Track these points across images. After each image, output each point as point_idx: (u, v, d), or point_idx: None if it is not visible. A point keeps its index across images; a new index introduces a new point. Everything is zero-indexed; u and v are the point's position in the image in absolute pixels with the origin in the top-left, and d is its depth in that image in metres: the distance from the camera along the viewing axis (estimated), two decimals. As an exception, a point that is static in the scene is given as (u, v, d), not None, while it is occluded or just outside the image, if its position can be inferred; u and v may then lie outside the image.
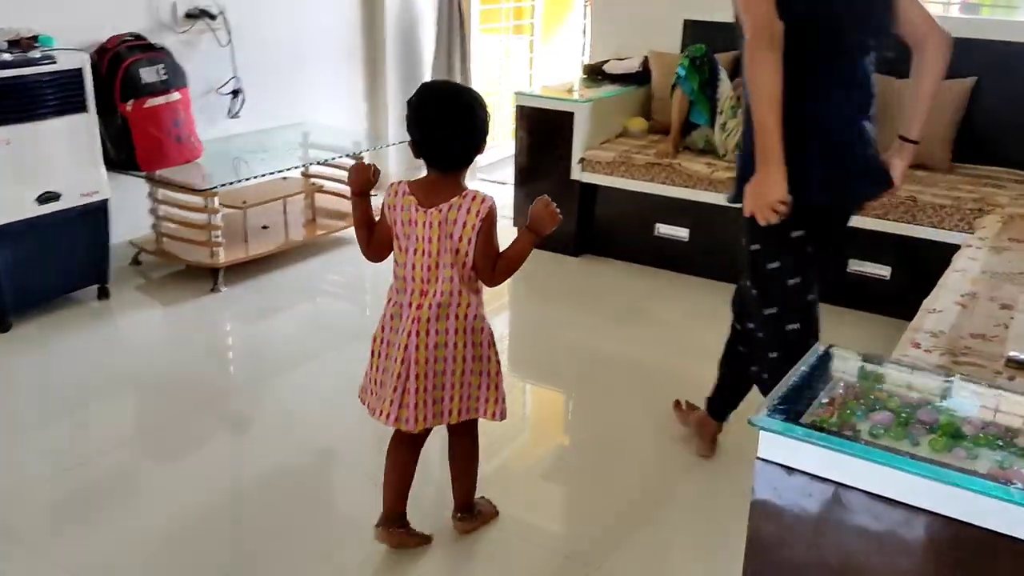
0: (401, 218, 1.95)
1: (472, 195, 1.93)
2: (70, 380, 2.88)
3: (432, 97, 1.97)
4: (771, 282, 2.11)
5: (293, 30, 4.35)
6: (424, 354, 1.94)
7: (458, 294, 1.96)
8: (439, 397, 1.99)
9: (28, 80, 2.97)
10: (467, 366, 2.01)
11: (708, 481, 2.46)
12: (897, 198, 3.30)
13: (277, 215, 4.09)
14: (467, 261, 1.95)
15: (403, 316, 1.97)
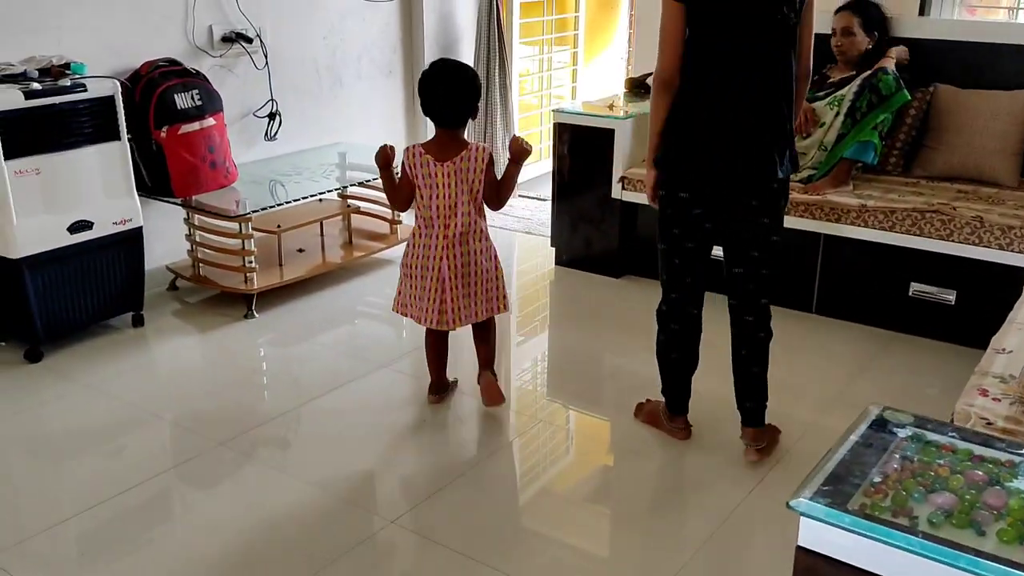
0: (421, 172, 2.61)
1: (476, 147, 2.63)
2: (103, 409, 2.84)
3: (440, 70, 2.62)
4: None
5: (330, 51, 4.29)
6: (454, 270, 2.62)
7: (474, 223, 2.65)
8: (468, 303, 2.67)
9: (59, 108, 2.95)
10: (486, 275, 2.70)
11: (755, 505, 2.33)
12: (963, 218, 3.10)
13: (313, 238, 4.04)
14: (478, 197, 2.63)
15: (432, 245, 2.63)
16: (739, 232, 2.40)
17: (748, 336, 2.49)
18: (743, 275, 2.44)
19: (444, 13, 4.76)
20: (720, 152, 2.31)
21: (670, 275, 2.51)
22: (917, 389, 3.01)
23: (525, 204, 5.05)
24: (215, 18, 3.75)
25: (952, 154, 3.48)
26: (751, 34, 2.25)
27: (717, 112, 2.30)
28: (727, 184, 2.35)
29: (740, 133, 2.30)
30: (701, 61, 2.29)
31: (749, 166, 2.33)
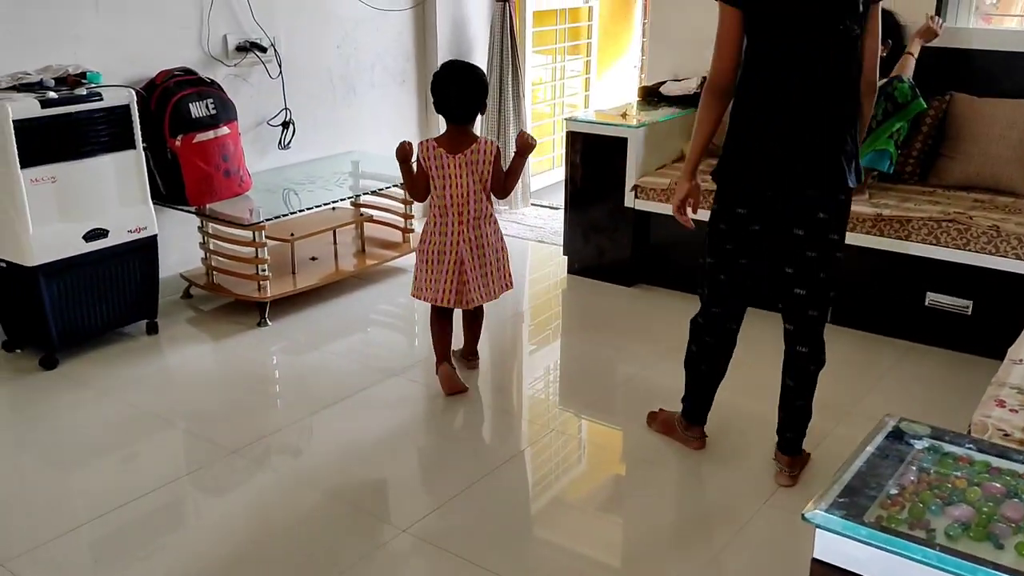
0: (435, 165, 2.83)
1: (484, 140, 2.86)
2: (117, 416, 2.85)
3: (450, 71, 2.86)
4: None
5: (343, 60, 4.31)
6: (470, 253, 2.86)
7: (484, 209, 2.88)
8: (485, 282, 2.92)
9: (75, 117, 2.97)
10: (496, 256, 2.94)
11: (770, 516, 2.32)
12: (979, 227, 3.07)
13: (326, 246, 4.05)
14: (487, 185, 2.86)
15: (448, 232, 2.86)
16: (803, 249, 2.26)
17: (800, 368, 2.40)
18: (804, 298, 2.31)
19: (457, 22, 4.77)
20: (786, 163, 2.20)
21: (713, 290, 2.43)
22: (933, 399, 2.99)
23: (537, 213, 5.05)
24: (230, 28, 3.77)
25: (968, 163, 3.46)
26: (812, 42, 2.14)
27: (779, 122, 2.19)
28: (794, 197, 2.22)
29: (806, 142, 2.18)
30: (759, 69, 2.19)
31: (819, 176, 2.20)
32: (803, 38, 2.14)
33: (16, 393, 3.00)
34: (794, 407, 2.45)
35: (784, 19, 2.14)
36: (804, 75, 2.16)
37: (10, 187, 2.88)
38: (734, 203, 2.29)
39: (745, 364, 2.59)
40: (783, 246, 2.30)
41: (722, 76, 2.22)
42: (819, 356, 2.39)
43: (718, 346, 2.51)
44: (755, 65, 2.20)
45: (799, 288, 2.31)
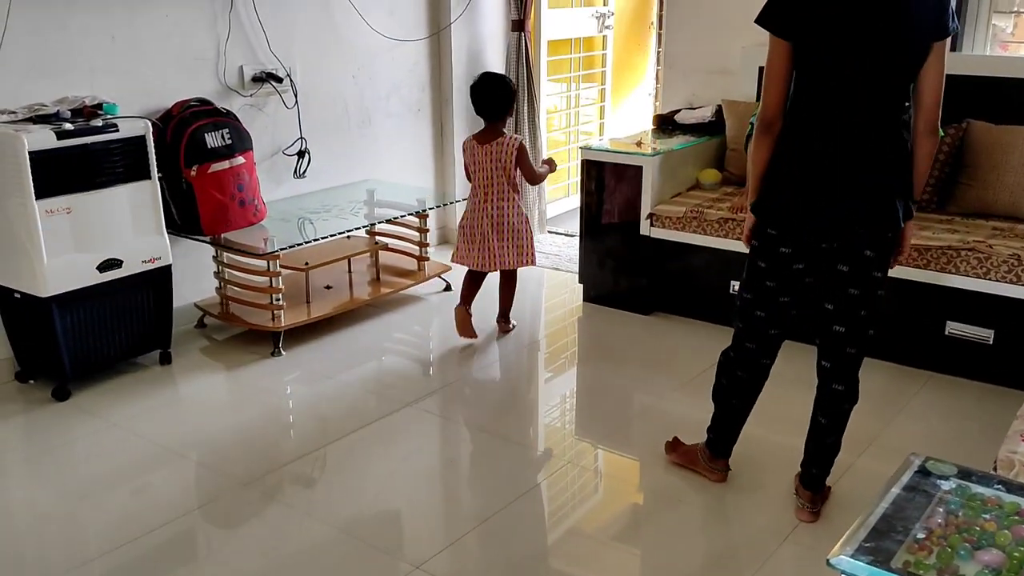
0: (469, 154, 3.55)
1: (509, 137, 3.51)
2: (129, 448, 2.84)
3: (482, 80, 3.57)
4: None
5: (359, 89, 4.33)
6: (491, 226, 3.51)
7: (505, 192, 3.51)
8: (502, 252, 3.54)
9: (90, 149, 2.98)
10: (516, 233, 3.54)
11: (792, 553, 2.26)
12: (999, 256, 3.03)
13: (341, 274, 4.04)
14: (511, 173, 3.49)
15: (476, 208, 3.54)
16: (846, 286, 2.21)
17: (834, 406, 2.36)
18: (844, 335, 2.27)
19: (472, 51, 4.79)
20: (839, 201, 2.14)
21: (750, 326, 2.38)
22: (956, 431, 2.93)
23: (553, 240, 5.04)
24: (246, 59, 3.80)
25: (986, 190, 3.42)
26: (867, 78, 2.06)
27: (832, 159, 2.13)
28: (844, 234, 2.17)
29: (860, 181, 2.12)
30: (810, 103, 2.13)
31: (871, 215, 2.15)
32: (859, 73, 2.06)
33: (29, 424, 2.99)
34: (824, 444, 2.40)
35: (839, 53, 2.06)
36: (857, 111, 2.09)
37: (25, 218, 2.89)
38: (778, 241, 2.23)
39: (768, 395, 2.55)
40: (825, 283, 2.25)
41: (774, 111, 2.16)
42: (854, 394, 2.36)
43: (750, 380, 2.47)
44: (805, 99, 2.14)
45: (839, 325, 2.27)
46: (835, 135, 2.12)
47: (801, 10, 2.07)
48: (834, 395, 2.34)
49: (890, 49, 2.05)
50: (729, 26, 4.22)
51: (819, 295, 2.28)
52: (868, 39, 2.04)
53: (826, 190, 2.15)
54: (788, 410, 2.78)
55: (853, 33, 2.04)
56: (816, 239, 2.20)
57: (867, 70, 2.06)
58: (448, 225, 4.97)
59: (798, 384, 2.81)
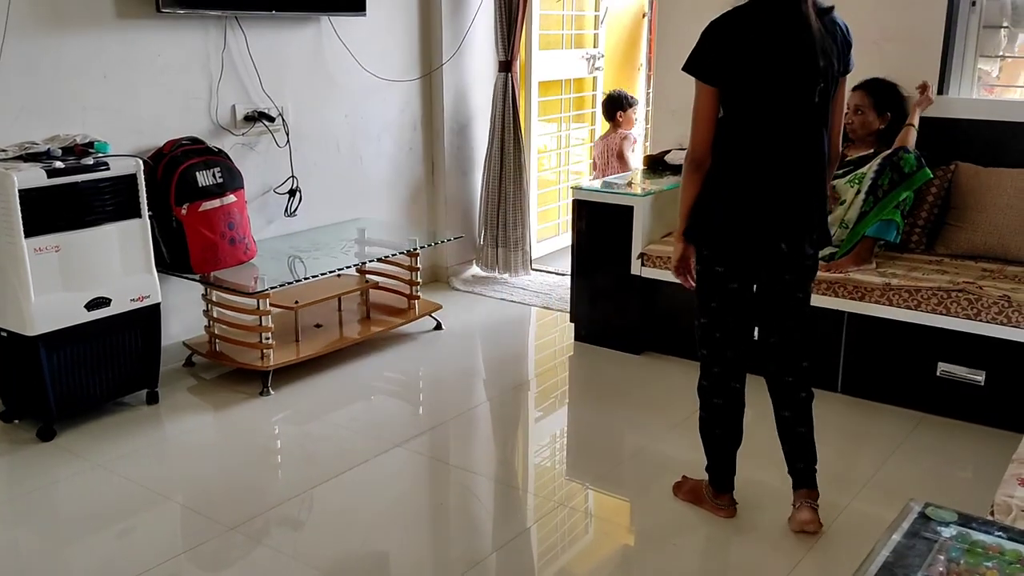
0: (597, 147, 5.32)
1: (618, 132, 5.26)
2: (114, 490, 2.79)
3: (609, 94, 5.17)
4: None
5: (351, 129, 4.35)
6: None
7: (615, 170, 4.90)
8: None
9: (80, 187, 2.97)
10: None
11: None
12: (989, 297, 3.04)
13: (331, 313, 4.02)
14: (616, 157, 5.16)
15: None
16: (792, 291, 2.43)
17: (789, 397, 2.50)
18: (779, 343, 2.48)
19: (462, 92, 4.83)
20: (762, 229, 2.36)
21: (711, 349, 2.50)
22: (949, 473, 2.92)
23: (544, 279, 5.04)
24: (238, 98, 3.81)
25: (975, 232, 3.45)
26: (788, 113, 2.29)
27: (770, 188, 2.33)
28: (767, 260, 2.39)
29: (797, 205, 2.35)
30: (742, 139, 2.32)
31: (790, 244, 2.37)
32: (780, 109, 2.28)
33: (13, 465, 2.94)
34: (796, 434, 2.50)
35: (763, 93, 2.27)
36: (783, 145, 2.31)
37: (13, 256, 2.87)
38: (713, 262, 2.41)
39: (755, 435, 2.54)
40: (767, 294, 2.45)
41: (703, 150, 2.34)
42: (806, 385, 2.50)
43: (726, 407, 2.53)
44: (737, 135, 2.32)
45: (772, 337, 2.48)
46: (773, 168, 2.32)
47: (726, 57, 2.25)
48: (786, 387, 2.50)
49: (809, 83, 2.26)
50: (718, 68, 4.26)
51: (763, 307, 2.47)
52: (789, 76, 2.25)
53: (771, 215, 2.35)
54: (776, 450, 2.76)
55: (776, 73, 2.25)
56: (752, 259, 2.40)
57: (790, 108, 2.28)
58: (438, 263, 4.97)
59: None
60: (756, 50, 2.23)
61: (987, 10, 3.69)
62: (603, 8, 5.70)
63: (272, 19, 3.86)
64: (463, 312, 4.50)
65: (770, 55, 2.23)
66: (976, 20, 3.70)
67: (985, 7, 3.69)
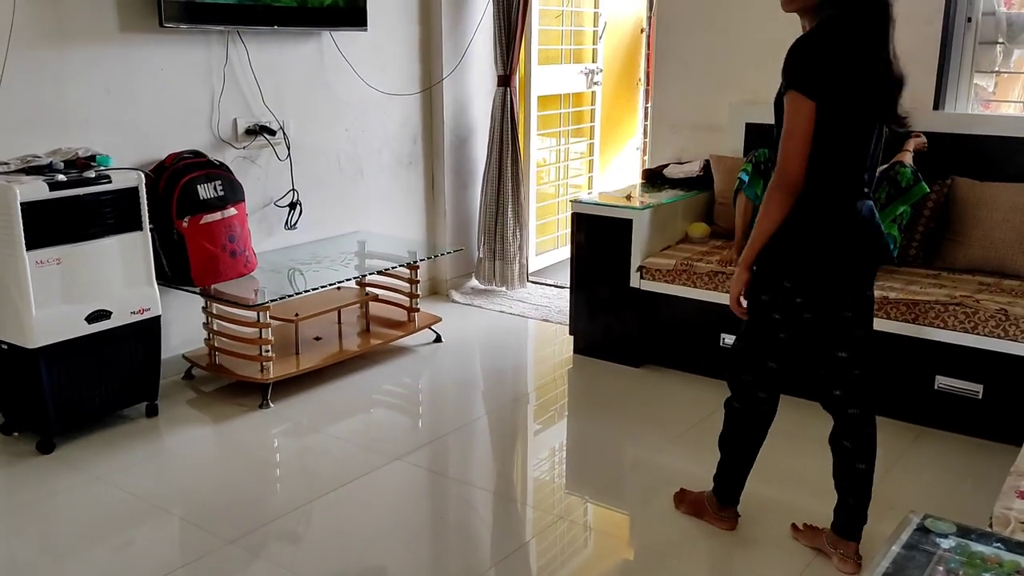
0: None
1: None
2: (113, 503, 2.79)
3: None
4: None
5: (352, 142, 4.37)
6: None
7: None
8: None
9: (82, 200, 2.98)
10: None
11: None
12: (987, 311, 3.06)
13: (331, 325, 4.03)
14: None
15: None
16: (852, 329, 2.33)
17: (856, 430, 2.40)
18: (847, 360, 2.36)
19: (462, 105, 4.86)
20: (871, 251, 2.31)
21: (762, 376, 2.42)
22: (949, 487, 2.92)
23: (543, 292, 5.05)
24: (240, 112, 3.83)
25: (972, 247, 3.46)
26: (873, 133, 2.22)
27: (863, 212, 2.25)
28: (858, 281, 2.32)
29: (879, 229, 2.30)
30: (843, 161, 2.20)
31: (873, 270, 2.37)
32: (870, 129, 2.21)
33: (11, 478, 2.94)
34: (856, 471, 2.39)
35: (860, 110, 2.18)
36: (869, 166, 2.24)
37: (15, 269, 2.87)
38: (794, 294, 2.28)
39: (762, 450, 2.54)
40: (832, 329, 2.33)
41: (800, 172, 2.16)
42: (872, 419, 2.41)
43: (760, 429, 2.51)
44: (837, 157, 2.19)
45: (842, 352, 2.35)
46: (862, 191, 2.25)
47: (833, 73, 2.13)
48: (852, 419, 2.39)
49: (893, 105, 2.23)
50: (716, 83, 4.30)
51: (827, 343, 2.35)
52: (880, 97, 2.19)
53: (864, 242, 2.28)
54: (778, 463, 2.77)
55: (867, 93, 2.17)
56: (834, 289, 2.28)
57: (875, 127, 2.22)
58: (438, 276, 4.98)
59: (793, 439, 2.80)
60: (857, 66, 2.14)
61: (983, 26, 3.73)
62: (601, 23, 5.73)
63: (274, 34, 3.89)
64: (462, 325, 4.51)
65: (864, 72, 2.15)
66: (972, 36, 3.73)
67: (981, 23, 3.72)
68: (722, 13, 4.20)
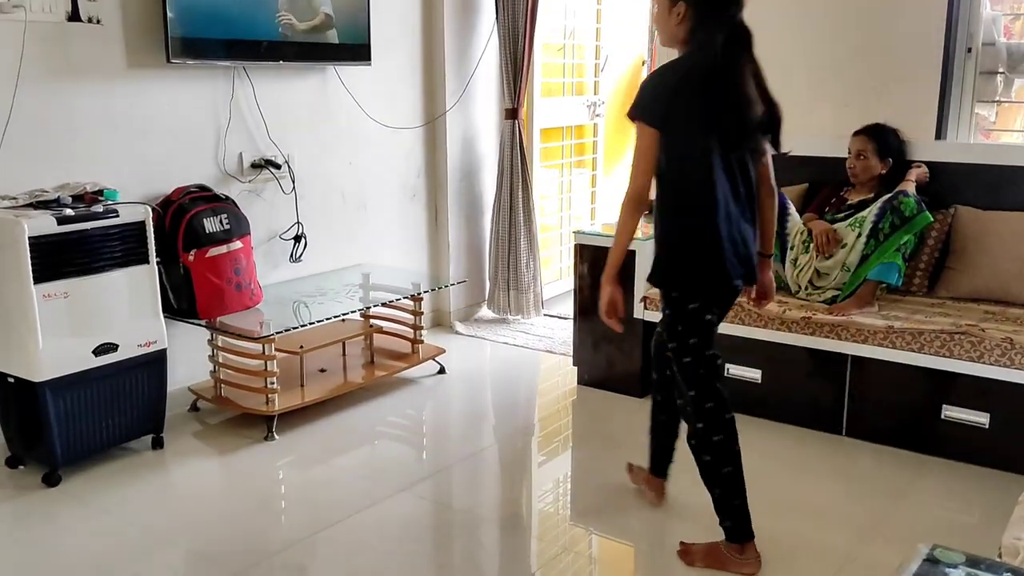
0: None
1: None
2: (118, 536, 2.78)
3: None
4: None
5: (356, 175, 4.41)
6: None
7: None
8: None
9: (90, 234, 3.00)
10: None
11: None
12: (992, 339, 3.06)
13: (335, 357, 4.03)
14: None
15: None
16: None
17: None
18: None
19: (467, 138, 4.90)
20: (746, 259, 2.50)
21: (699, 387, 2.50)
22: (956, 517, 2.91)
23: (546, 323, 5.06)
24: (245, 146, 3.87)
25: (976, 275, 3.47)
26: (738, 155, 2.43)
27: (739, 226, 2.45)
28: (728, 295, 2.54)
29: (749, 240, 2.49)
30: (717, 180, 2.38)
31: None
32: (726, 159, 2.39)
33: (17, 511, 2.93)
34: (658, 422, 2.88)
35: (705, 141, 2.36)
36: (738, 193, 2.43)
37: (22, 302, 2.89)
38: (686, 301, 2.47)
39: (777, 484, 2.53)
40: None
41: (642, 189, 2.42)
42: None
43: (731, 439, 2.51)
44: (690, 182, 2.40)
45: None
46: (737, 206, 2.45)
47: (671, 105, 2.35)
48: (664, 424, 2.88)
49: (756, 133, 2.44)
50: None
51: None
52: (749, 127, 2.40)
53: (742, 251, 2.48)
54: (786, 495, 2.76)
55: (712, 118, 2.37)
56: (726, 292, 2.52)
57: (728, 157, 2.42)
58: (442, 308, 4.99)
59: (817, 477, 2.78)
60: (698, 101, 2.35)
61: (983, 56, 3.76)
62: (603, 56, 5.79)
63: (279, 69, 3.94)
64: (466, 356, 4.51)
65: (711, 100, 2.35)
66: (972, 66, 3.77)
67: (981, 53, 3.76)
68: (723, 46, 4.24)
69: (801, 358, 3.47)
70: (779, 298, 3.58)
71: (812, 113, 4.03)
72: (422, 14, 4.66)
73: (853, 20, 3.87)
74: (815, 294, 3.55)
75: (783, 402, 3.54)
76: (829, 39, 3.94)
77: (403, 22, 4.56)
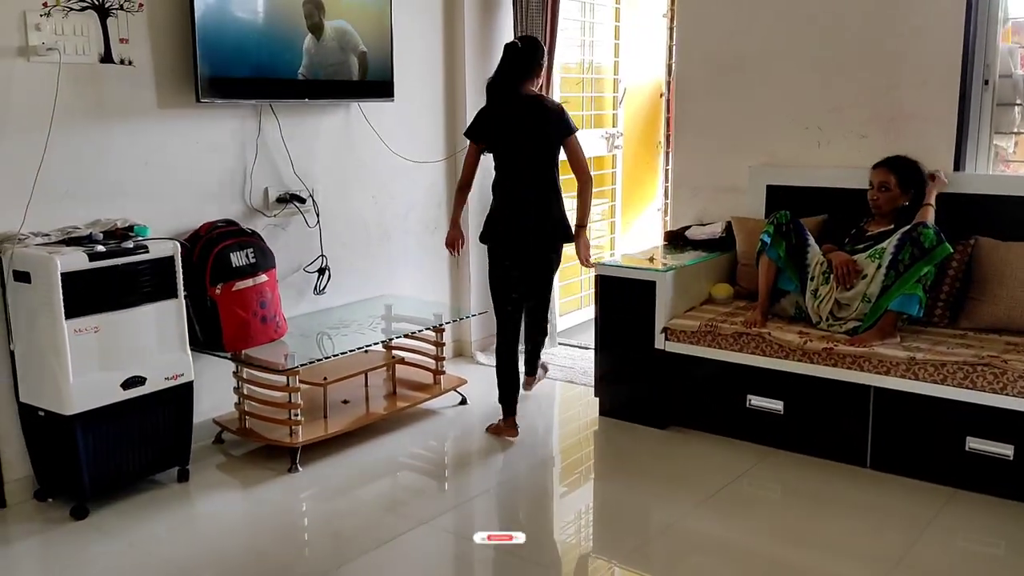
0: None
1: None
2: (144, 569, 2.81)
3: None
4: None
5: (379, 209, 4.47)
6: None
7: None
8: None
9: (121, 269, 3.07)
10: None
11: None
12: (1015, 371, 3.05)
13: (358, 388, 4.07)
14: None
15: None
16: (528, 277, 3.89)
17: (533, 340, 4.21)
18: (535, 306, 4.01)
19: (483, 172, 4.94)
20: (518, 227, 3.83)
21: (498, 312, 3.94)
22: (981, 550, 2.89)
23: (568, 353, 5.07)
24: (271, 181, 3.94)
25: (997, 306, 3.47)
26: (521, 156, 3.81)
27: (511, 204, 3.84)
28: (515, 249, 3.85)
29: (527, 215, 3.80)
30: (499, 171, 3.89)
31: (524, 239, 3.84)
32: (516, 155, 3.81)
33: (46, 544, 2.98)
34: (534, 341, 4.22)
35: (504, 148, 3.84)
36: (519, 175, 3.80)
37: (54, 337, 2.95)
38: (492, 253, 3.93)
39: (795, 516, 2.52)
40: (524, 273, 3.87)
41: (468, 180, 4.00)
42: (544, 328, 4.18)
43: (508, 349, 3.90)
44: (497, 167, 3.88)
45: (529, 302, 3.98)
46: (513, 191, 3.83)
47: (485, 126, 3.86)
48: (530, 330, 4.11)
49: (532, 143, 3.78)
50: (735, 146, 4.37)
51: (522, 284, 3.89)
52: (519, 139, 3.77)
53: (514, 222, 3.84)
54: (815, 529, 2.74)
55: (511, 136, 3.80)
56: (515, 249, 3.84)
57: (522, 155, 3.79)
58: (463, 339, 5.02)
59: (808, 502, 2.76)
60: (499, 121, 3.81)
61: (1000, 88, 3.78)
62: (621, 89, 5.85)
63: (304, 106, 4.02)
64: (487, 387, 4.51)
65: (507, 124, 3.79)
66: (990, 98, 3.79)
67: (998, 85, 3.78)
68: (739, 77, 4.29)
69: (823, 389, 3.47)
70: (800, 328, 3.59)
71: (830, 145, 4.05)
72: (443, 50, 4.74)
73: (871, 53, 3.90)
74: (836, 325, 3.56)
75: (806, 433, 3.54)
76: (847, 72, 3.97)
77: (425, 59, 4.64)
